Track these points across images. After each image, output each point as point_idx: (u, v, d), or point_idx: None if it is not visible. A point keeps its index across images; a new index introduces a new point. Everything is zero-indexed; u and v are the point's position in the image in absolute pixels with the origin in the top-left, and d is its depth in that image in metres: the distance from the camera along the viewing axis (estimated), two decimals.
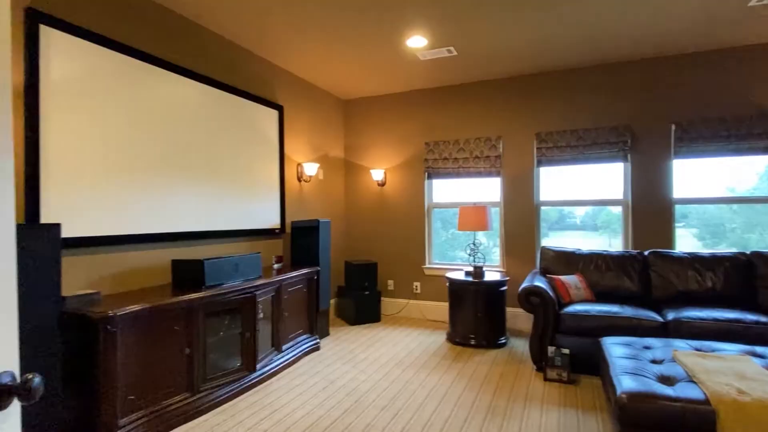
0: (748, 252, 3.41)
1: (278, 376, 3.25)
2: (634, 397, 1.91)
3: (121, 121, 2.69)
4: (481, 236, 4.82)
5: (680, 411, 1.83)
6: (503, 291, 3.97)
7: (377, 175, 5.08)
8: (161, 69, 2.95)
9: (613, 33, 3.46)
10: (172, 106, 3.04)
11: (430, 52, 3.83)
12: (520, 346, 3.91)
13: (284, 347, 3.45)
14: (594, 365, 3.17)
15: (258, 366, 3.09)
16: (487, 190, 4.74)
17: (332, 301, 5.05)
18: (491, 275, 4.09)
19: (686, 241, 4.06)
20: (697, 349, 2.45)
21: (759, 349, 2.42)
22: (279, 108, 4.14)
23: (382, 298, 5.17)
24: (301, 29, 3.36)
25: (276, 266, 3.81)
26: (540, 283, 3.39)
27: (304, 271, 3.72)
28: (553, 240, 4.53)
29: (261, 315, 3.18)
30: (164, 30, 3.01)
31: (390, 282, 5.13)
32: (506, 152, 4.56)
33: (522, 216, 4.50)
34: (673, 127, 3.90)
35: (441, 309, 4.88)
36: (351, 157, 5.36)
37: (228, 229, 3.52)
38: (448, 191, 4.97)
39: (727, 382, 1.92)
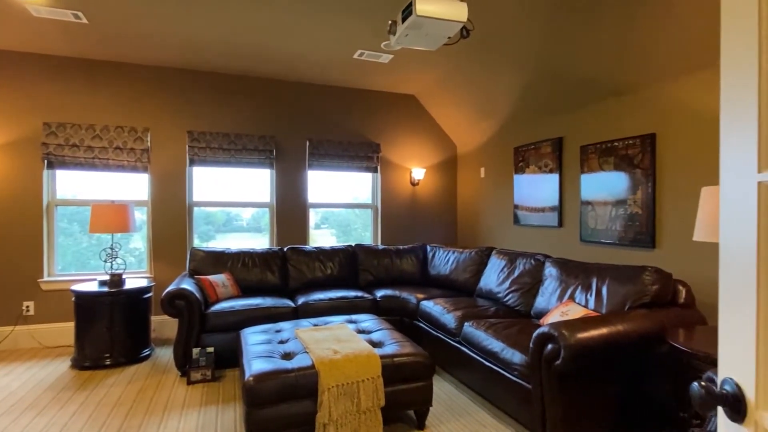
0: (353, 244, 4.48)
1: None
2: (259, 377, 2.12)
3: None
4: (137, 239, 4.23)
5: (294, 379, 2.17)
6: (148, 298, 3.62)
7: None
8: None
9: (256, 53, 3.78)
10: None
11: (48, 10, 3.04)
12: (167, 355, 3.66)
13: None
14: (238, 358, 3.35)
15: None
16: (134, 186, 4.22)
17: None
18: (135, 282, 3.64)
19: (328, 239, 4.95)
20: (315, 325, 2.99)
21: (354, 317, 3.20)
22: None
23: None
24: None
25: None
26: (187, 285, 3.28)
27: None
28: (222, 242, 4.52)
29: None
30: None
31: None
32: (155, 147, 4.19)
33: (173, 217, 4.25)
34: (308, 142, 4.66)
35: (68, 330, 3.95)
36: None
37: None
38: (82, 186, 4.09)
39: (328, 347, 2.43)
